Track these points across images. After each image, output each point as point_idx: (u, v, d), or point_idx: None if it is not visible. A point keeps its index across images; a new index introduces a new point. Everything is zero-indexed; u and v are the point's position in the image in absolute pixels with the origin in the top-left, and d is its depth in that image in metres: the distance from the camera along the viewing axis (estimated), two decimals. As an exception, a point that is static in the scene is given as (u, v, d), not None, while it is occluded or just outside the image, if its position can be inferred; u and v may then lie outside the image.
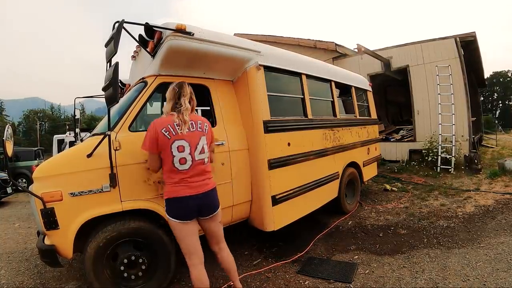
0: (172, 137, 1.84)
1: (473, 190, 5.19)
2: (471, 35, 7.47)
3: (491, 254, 2.76)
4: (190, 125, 1.90)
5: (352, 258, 2.93)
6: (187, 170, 1.86)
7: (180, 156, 1.85)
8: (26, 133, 44.29)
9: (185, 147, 1.86)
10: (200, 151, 1.92)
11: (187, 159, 1.87)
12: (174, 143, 1.84)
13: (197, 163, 1.90)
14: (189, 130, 1.89)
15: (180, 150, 1.85)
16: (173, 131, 1.85)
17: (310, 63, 3.82)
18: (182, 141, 1.85)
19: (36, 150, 11.29)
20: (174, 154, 1.84)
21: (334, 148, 3.85)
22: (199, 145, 1.92)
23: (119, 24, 2.05)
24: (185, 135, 1.86)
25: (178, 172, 1.85)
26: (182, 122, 1.86)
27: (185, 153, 1.86)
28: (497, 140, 15.43)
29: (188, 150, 1.87)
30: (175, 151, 1.84)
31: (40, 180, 2.04)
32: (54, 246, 2.03)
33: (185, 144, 1.86)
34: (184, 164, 1.86)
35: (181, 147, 1.85)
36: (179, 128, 1.85)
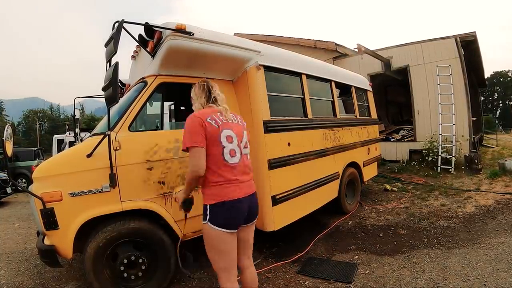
0: (220, 126, 1.58)
1: (474, 190, 5.18)
2: (472, 35, 7.46)
3: (491, 254, 2.75)
4: (232, 116, 1.71)
5: (352, 258, 2.92)
6: (237, 164, 1.61)
7: (230, 147, 1.59)
8: (26, 133, 44.27)
9: (233, 138, 1.61)
10: (245, 145, 1.70)
11: (237, 152, 1.61)
12: (222, 132, 1.58)
13: (245, 157, 1.67)
14: (232, 121, 1.67)
15: (229, 140, 1.59)
16: (219, 120, 1.60)
17: (310, 63, 3.81)
18: (229, 130, 1.60)
19: (35, 150, 11.27)
20: (224, 145, 1.57)
21: (334, 148, 3.85)
22: (244, 138, 1.70)
23: (119, 24, 2.05)
24: (231, 124, 1.64)
25: (228, 166, 1.57)
26: (222, 113, 1.65)
27: (234, 144, 1.60)
28: (498, 140, 15.42)
29: (236, 141, 1.62)
30: (225, 141, 1.57)
31: (40, 180, 2.04)
32: (53, 246, 2.04)
33: (233, 134, 1.61)
34: (234, 157, 1.59)
35: (229, 137, 1.59)
36: (223, 117, 1.63)
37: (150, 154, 2.31)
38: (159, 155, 2.35)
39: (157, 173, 2.33)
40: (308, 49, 9.39)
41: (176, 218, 2.40)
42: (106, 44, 2.13)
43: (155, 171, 2.32)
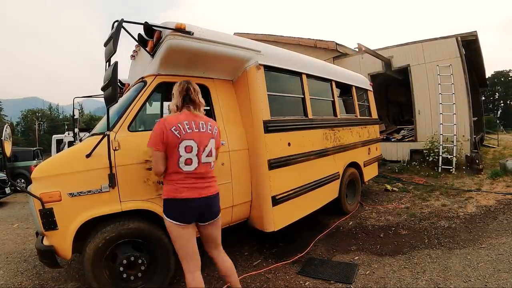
0: (182, 136, 1.75)
1: (475, 190, 5.16)
2: (473, 35, 7.44)
3: (492, 254, 2.74)
4: (201, 125, 1.83)
5: (353, 259, 2.91)
6: (191, 171, 1.78)
7: (187, 157, 1.76)
8: (25, 133, 44.23)
9: (193, 148, 1.77)
10: (208, 153, 1.84)
11: (193, 160, 1.78)
12: (182, 142, 1.75)
13: (202, 166, 1.82)
14: (199, 130, 1.81)
15: (188, 150, 1.76)
16: (183, 130, 1.76)
17: (311, 62, 3.80)
18: (191, 141, 1.77)
19: (34, 150, 11.23)
20: (181, 154, 1.75)
21: (335, 148, 3.83)
22: (207, 147, 1.84)
23: (118, 24, 2.04)
24: (194, 134, 1.78)
25: (181, 173, 1.76)
26: (192, 121, 1.80)
27: (192, 154, 1.77)
28: (499, 140, 15.37)
29: (196, 151, 1.78)
30: (183, 151, 1.75)
31: (39, 180, 2.03)
32: (53, 247, 2.03)
33: (194, 144, 1.77)
34: (189, 165, 1.77)
35: (189, 147, 1.76)
36: (189, 127, 1.78)
37: (150, 154, 2.30)
38: (159, 155, 2.34)
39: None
40: (309, 49, 9.38)
41: (175, 219, 2.39)
42: (106, 43, 2.12)
43: (155, 171, 2.31)
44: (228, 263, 1.99)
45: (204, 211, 1.83)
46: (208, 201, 1.83)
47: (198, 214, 1.81)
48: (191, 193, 1.76)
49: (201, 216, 1.84)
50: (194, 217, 1.81)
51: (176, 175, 1.77)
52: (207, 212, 1.85)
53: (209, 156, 1.85)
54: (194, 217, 1.81)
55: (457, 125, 7.11)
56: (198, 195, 1.78)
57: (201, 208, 1.81)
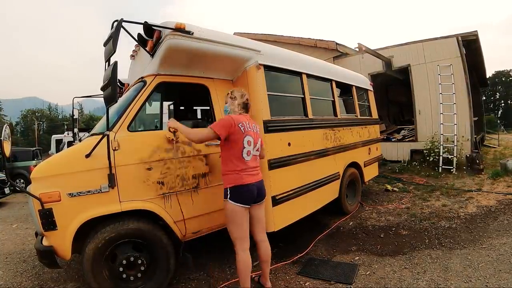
0: (245, 132, 2.15)
1: (475, 190, 5.15)
2: (473, 34, 7.43)
3: (493, 255, 2.74)
4: (253, 126, 2.26)
5: (353, 259, 2.90)
6: (249, 161, 2.17)
7: (248, 149, 2.16)
8: (24, 133, 44.16)
9: (251, 143, 2.18)
10: (257, 148, 2.24)
11: (251, 152, 2.19)
12: (246, 137, 2.14)
13: (254, 157, 2.23)
14: (252, 130, 2.22)
15: (249, 144, 2.16)
16: (247, 127, 2.18)
17: (311, 62, 3.79)
18: (250, 137, 2.17)
19: (34, 150, 11.17)
20: (245, 146, 2.14)
21: (335, 148, 3.83)
22: (257, 143, 2.24)
23: (118, 23, 2.03)
24: (251, 132, 2.20)
25: (243, 162, 2.14)
26: (248, 121, 2.23)
27: (251, 147, 2.18)
28: (499, 140, 15.33)
29: (252, 145, 2.19)
30: (246, 144, 2.15)
31: (38, 180, 2.03)
32: (52, 247, 2.02)
33: (251, 140, 2.18)
34: (248, 156, 2.17)
35: (249, 142, 2.16)
36: (248, 126, 2.20)
37: (149, 154, 2.30)
38: (158, 155, 2.33)
39: (156, 174, 2.31)
40: (309, 49, 9.37)
41: (175, 219, 2.39)
42: (105, 43, 2.12)
43: (154, 171, 2.31)
44: (269, 251, 2.34)
45: (258, 193, 2.20)
46: (259, 185, 2.22)
47: (255, 195, 2.18)
48: (250, 178, 2.15)
49: (257, 197, 2.21)
50: (253, 199, 2.17)
51: (239, 163, 2.14)
52: (259, 194, 2.22)
53: (257, 150, 2.26)
54: (253, 199, 2.17)
55: (457, 125, 7.09)
56: (255, 180, 2.18)
57: (256, 190, 2.19)
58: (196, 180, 2.49)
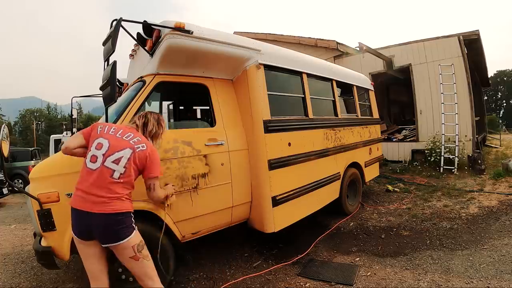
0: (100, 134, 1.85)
1: (477, 191, 5.13)
2: (475, 33, 7.38)
3: (495, 256, 2.72)
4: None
5: (354, 260, 2.89)
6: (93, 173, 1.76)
7: (94, 153, 1.75)
8: (22, 133, 44.00)
9: (102, 146, 1.78)
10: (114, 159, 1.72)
11: (97, 159, 1.74)
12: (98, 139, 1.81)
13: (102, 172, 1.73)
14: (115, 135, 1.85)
15: (98, 148, 1.76)
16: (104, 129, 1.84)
17: (311, 61, 3.77)
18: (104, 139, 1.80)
19: (32, 150, 11.11)
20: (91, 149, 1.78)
21: (336, 148, 3.81)
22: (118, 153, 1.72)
23: (117, 22, 2.02)
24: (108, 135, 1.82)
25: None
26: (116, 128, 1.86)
27: (99, 152, 1.73)
28: (501, 140, 15.28)
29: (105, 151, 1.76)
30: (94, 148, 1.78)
31: (37, 180, 2.02)
32: (51, 248, 2.01)
33: (104, 143, 1.78)
34: (93, 164, 1.72)
35: (100, 144, 1.77)
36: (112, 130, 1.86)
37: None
38: (158, 155, 2.32)
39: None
40: (309, 48, 9.34)
41: (175, 220, 2.38)
42: (104, 42, 2.10)
43: (154, 172, 2.29)
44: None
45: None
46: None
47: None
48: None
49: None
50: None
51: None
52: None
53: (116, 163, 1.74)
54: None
55: (459, 125, 7.05)
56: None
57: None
58: (196, 181, 2.48)
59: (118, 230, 1.62)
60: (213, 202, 2.59)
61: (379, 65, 8.59)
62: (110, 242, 1.63)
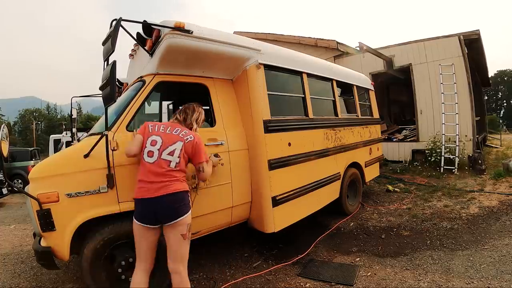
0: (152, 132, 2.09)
1: (477, 191, 5.12)
2: (475, 33, 7.37)
3: (495, 256, 2.72)
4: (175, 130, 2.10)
5: (354, 260, 2.89)
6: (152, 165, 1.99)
7: (150, 149, 2.00)
8: (22, 133, 43.93)
9: (157, 143, 2.00)
10: (169, 152, 1.98)
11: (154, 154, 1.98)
12: (151, 136, 2.06)
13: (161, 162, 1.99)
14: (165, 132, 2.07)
15: (153, 144, 2.00)
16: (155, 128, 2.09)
17: (311, 61, 3.77)
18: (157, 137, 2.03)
19: (32, 150, 11.07)
20: (146, 146, 2.01)
21: (336, 148, 3.80)
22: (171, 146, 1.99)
23: (117, 22, 2.01)
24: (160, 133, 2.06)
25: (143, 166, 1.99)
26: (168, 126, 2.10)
27: (155, 148, 1.98)
28: (502, 140, 15.26)
29: (159, 146, 2.01)
30: (149, 144, 2.02)
31: (36, 181, 2.01)
32: (50, 248, 2.00)
33: (158, 140, 2.02)
34: (151, 158, 1.97)
35: (154, 141, 2.01)
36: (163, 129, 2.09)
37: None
38: (157, 155, 2.31)
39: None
40: (309, 48, 9.33)
41: (174, 219, 2.37)
42: (104, 42, 2.09)
43: (153, 172, 2.28)
44: (179, 282, 1.86)
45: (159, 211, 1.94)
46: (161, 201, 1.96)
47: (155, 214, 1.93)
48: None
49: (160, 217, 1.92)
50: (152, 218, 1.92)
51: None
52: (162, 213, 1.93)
53: (170, 155, 2.00)
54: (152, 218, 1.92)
55: (459, 125, 7.04)
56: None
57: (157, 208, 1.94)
58: (196, 181, 2.47)
59: (180, 207, 1.86)
60: (213, 202, 2.59)
61: (379, 65, 8.58)
62: (173, 219, 1.83)
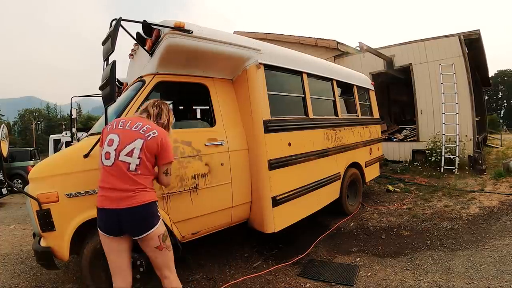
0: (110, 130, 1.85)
1: (478, 191, 5.11)
2: (476, 33, 7.36)
3: (495, 256, 2.71)
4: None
5: (354, 261, 2.88)
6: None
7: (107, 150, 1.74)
8: (22, 133, 43.87)
9: (113, 142, 1.77)
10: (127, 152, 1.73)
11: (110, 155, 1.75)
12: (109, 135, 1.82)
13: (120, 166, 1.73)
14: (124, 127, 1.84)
15: (110, 144, 1.76)
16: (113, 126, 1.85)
17: (311, 61, 3.76)
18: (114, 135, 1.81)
19: (31, 150, 11.09)
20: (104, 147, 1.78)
21: (336, 148, 3.80)
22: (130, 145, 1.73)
23: (117, 22, 2.01)
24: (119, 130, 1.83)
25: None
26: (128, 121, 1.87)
27: (111, 148, 1.74)
28: (502, 140, 15.23)
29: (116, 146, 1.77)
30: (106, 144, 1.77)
31: (36, 181, 2.01)
32: (50, 248, 2.00)
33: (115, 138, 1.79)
34: (108, 160, 1.73)
35: (111, 140, 1.77)
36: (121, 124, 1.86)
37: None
38: (157, 155, 2.31)
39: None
40: (309, 47, 9.32)
41: (175, 220, 2.37)
42: (104, 42, 2.09)
43: (153, 172, 2.28)
44: (170, 285, 1.82)
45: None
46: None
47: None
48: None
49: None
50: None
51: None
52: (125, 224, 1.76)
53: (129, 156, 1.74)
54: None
55: (459, 125, 7.03)
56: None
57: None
58: (196, 181, 2.47)
59: (147, 220, 1.66)
60: (213, 202, 2.59)
61: (379, 65, 8.57)
62: (141, 234, 1.65)
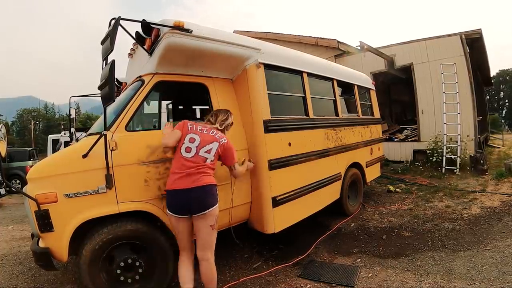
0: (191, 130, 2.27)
1: (479, 191, 5.09)
2: (477, 32, 7.33)
3: (497, 257, 2.70)
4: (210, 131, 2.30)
5: (355, 261, 2.87)
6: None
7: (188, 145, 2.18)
8: (20, 133, 43.78)
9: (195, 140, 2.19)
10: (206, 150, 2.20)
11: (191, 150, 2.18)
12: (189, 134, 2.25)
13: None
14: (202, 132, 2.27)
15: (191, 141, 2.20)
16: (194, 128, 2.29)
17: (312, 61, 3.75)
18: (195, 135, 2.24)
19: (30, 150, 11.05)
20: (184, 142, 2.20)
21: (336, 148, 3.78)
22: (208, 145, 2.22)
23: (116, 21, 2.00)
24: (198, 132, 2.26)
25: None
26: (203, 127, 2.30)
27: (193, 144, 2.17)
28: (504, 140, 15.19)
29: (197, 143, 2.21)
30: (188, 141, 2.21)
31: (35, 181, 2.00)
32: (48, 249, 2.00)
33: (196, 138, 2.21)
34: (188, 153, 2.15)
35: (192, 139, 2.21)
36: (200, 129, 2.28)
37: (148, 155, 2.26)
38: (157, 155, 2.30)
39: (155, 174, 2.28)
40: (310, 47, 9.31)
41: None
42: (102, 41, 2.08)
43: (153, 172, 2.27)
44: (206, 269, 2.06)
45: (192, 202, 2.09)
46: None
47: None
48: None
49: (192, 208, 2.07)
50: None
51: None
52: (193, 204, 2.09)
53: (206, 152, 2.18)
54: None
55: (461, 124, 7.00)
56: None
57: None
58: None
59: (210, 198, 2.03)
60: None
61: (380, 64, 8.55)
62: (203, 210, 1.99)
